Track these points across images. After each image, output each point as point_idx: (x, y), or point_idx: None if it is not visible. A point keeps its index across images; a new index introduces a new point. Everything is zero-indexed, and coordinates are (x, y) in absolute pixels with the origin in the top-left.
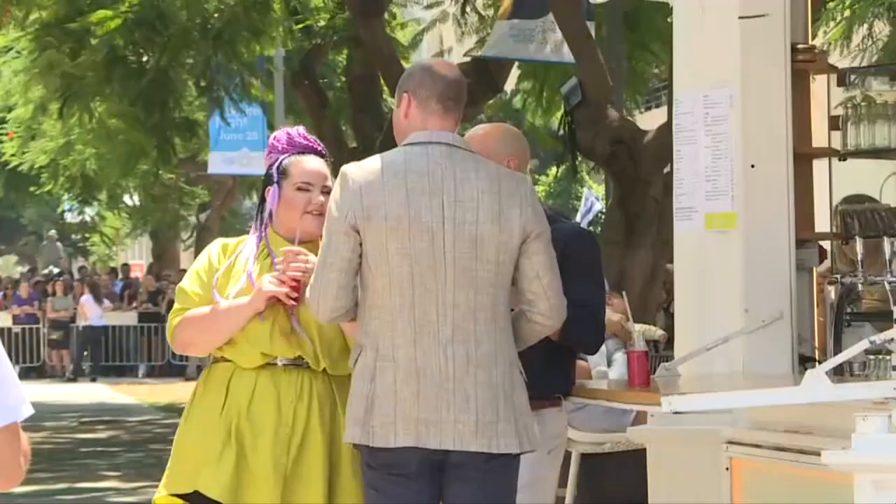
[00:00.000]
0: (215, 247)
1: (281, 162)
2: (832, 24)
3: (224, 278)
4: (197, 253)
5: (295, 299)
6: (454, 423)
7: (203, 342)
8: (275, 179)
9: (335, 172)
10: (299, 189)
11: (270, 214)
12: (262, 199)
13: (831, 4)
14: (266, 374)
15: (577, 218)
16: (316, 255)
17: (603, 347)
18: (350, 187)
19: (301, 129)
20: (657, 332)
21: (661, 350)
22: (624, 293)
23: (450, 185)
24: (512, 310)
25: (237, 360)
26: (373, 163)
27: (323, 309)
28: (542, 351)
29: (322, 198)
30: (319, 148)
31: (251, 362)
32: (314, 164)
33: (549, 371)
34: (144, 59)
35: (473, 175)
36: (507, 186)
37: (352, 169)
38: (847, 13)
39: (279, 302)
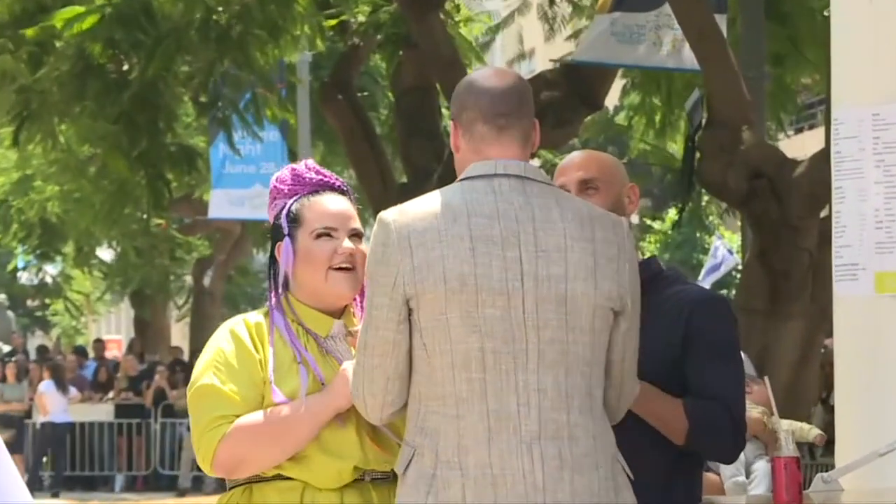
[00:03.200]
0: (240, 327)
1: (289, 207)
2: None
3: (278, 371)
4: (194, 325)
5: None
6: None
7: (263, 459)
8: (285, 231)
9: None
10: (319, 237)
11: (286, 279)
12: (273, 260)
13: None
14: (353, 494)
15: (700, 276)
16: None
17: (741, 455)
18: (394, 240)
19: (311, 161)
20: (812, 432)
21: (819, 456)
22: (766, 378)
23: (528, 231)
24: None
25: (311, 480)
26: (422, 205)
27: (372, 405)
28: (661, 458)
29: (350, 243)
30: (338, 183)
31: (332, 481)
32: (334, 202)
33: (669, 483)
34: (126, 67)
35: (557, 215)
36: (602, 232)
37: (394, 215)
38: None
39: None
